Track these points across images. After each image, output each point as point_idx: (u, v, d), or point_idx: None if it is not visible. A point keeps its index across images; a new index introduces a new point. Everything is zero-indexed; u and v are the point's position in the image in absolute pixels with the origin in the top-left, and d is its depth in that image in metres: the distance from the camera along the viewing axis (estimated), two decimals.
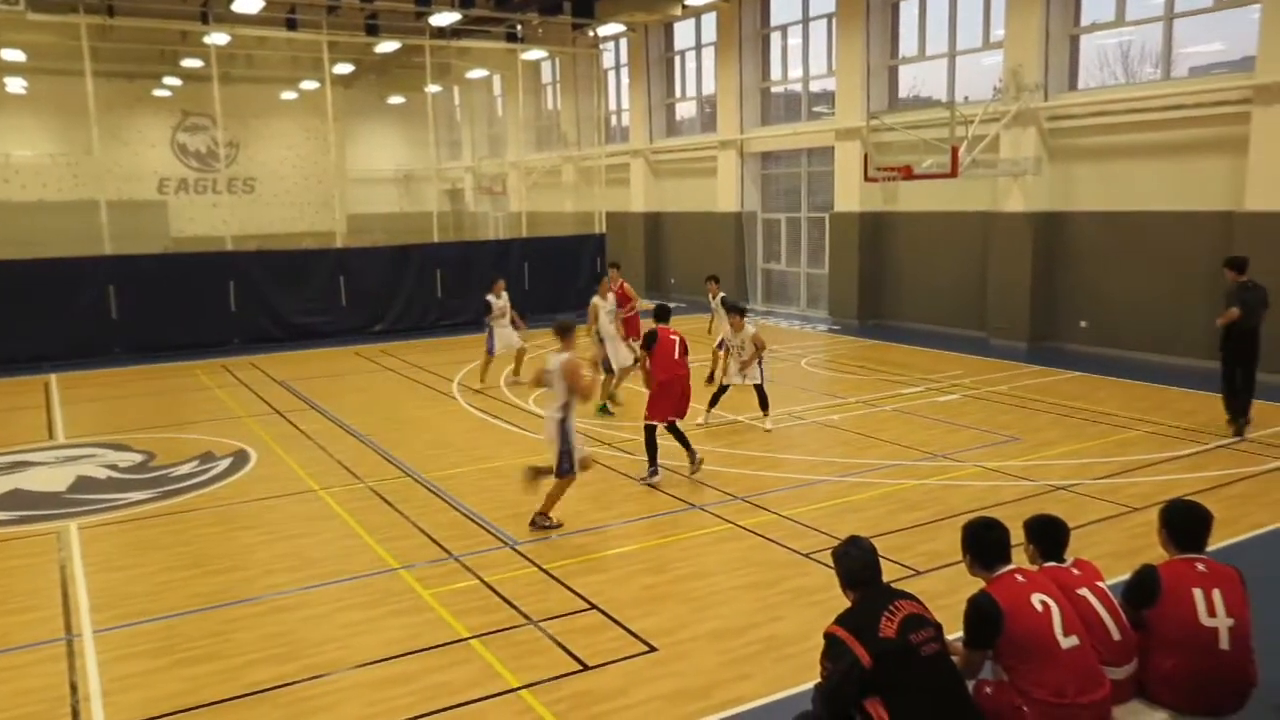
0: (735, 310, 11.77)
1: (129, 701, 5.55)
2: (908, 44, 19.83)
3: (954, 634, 4.51)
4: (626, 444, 11.03)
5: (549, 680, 5.68)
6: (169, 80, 33.47)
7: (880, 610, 4.19)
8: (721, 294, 14.30)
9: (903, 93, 20.28)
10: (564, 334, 8.45)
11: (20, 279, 17.31)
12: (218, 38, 22.60)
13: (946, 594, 6.13)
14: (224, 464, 10.65)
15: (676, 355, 9.84)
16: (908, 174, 16.46)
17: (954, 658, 4.37)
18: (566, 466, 8.11)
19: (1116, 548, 7.46)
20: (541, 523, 8.24)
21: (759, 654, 5.98)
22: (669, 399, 9.75)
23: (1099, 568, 4.77)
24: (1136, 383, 13.83)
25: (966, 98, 18.31)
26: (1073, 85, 16.73)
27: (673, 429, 9.78)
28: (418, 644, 6.18)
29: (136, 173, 32.76)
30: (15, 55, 27.33)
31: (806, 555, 7.54)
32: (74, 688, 5.76)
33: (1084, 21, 16.56)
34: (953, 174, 15.84)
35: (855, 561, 4.45)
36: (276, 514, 8.92)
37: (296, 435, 11.80)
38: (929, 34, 19.23)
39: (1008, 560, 4.52)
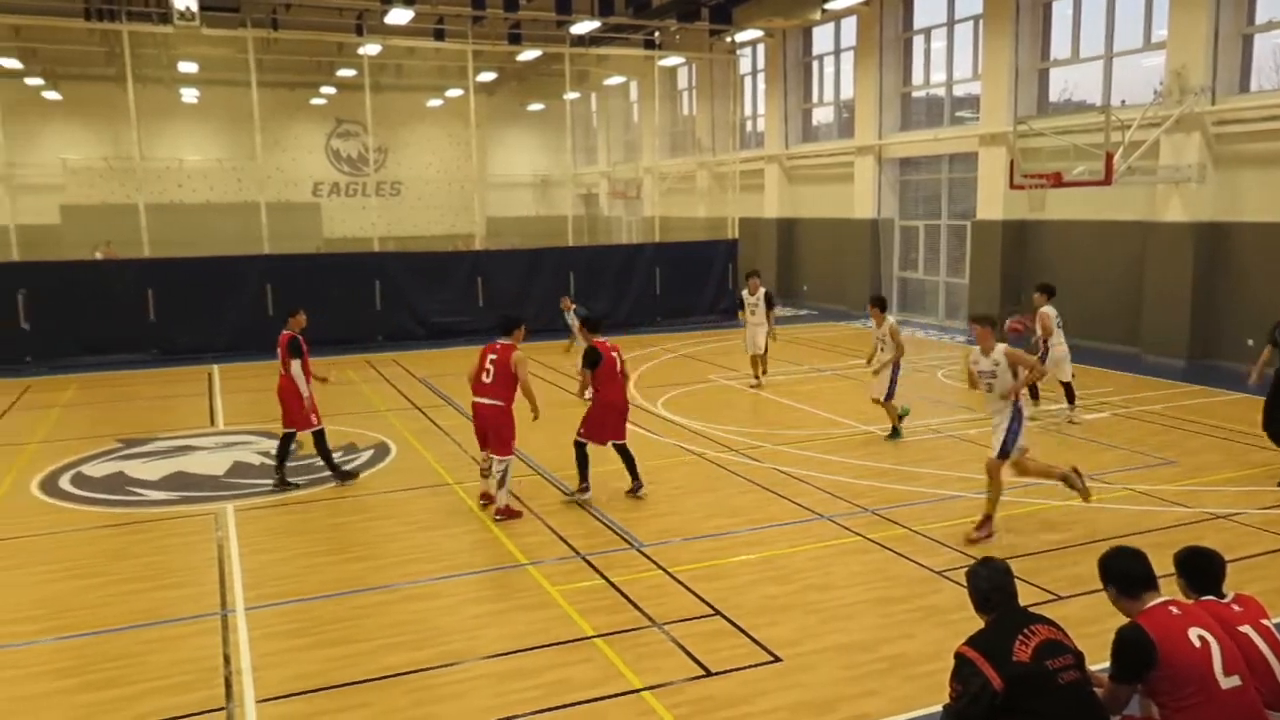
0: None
1: (275, 677, 5.86)
2: (1060, 45, 18.99)
3: (1097, 664, 4.28)
4: (753, 450, 10.95)
5: (671, 684, 5.68)
6: (325, 89, 35.30)
7: (1014, 633, 4.02)
8: (574, 307, 14.27)
9: (1053, 96, 19.43)
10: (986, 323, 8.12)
11: (188, 276, 18.60)
12: (370, 48, 23.68)
13: (1090, 622, 5.83)
14: (365, 455, 11.13)
15: (619, 370, 9.24)
16: (1057, 181, 15.74)
17: (1097, 690, 4.14)
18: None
19: None
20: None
21: (886, 671, 5.83)
22: (613, 420, 9.23)
23: (1263, 605, 4.44)
24: None
25: (1123, 101, 17.41)
26: (1244, 88, 15.64)
27: (623, 450, 9.31)
28: (543, 639, 6.29)
29: (294, 177, 34.66)
30: (190, 67, 29.39)
31: (939, 573, 7.30)
32: (227, 660, 6.11)
33: (1259, 19, 15.47)
34: (1106, 181, 15.05)
35: (987, 582, 4.28)
36: (412, 506, 9.25)
37: (434, 430, 12.21)
38: (1083, 35, 18.37)
39: (1155, 590, 4.25)
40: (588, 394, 9.33)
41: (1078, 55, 18.59)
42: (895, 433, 11.41)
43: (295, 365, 9.62)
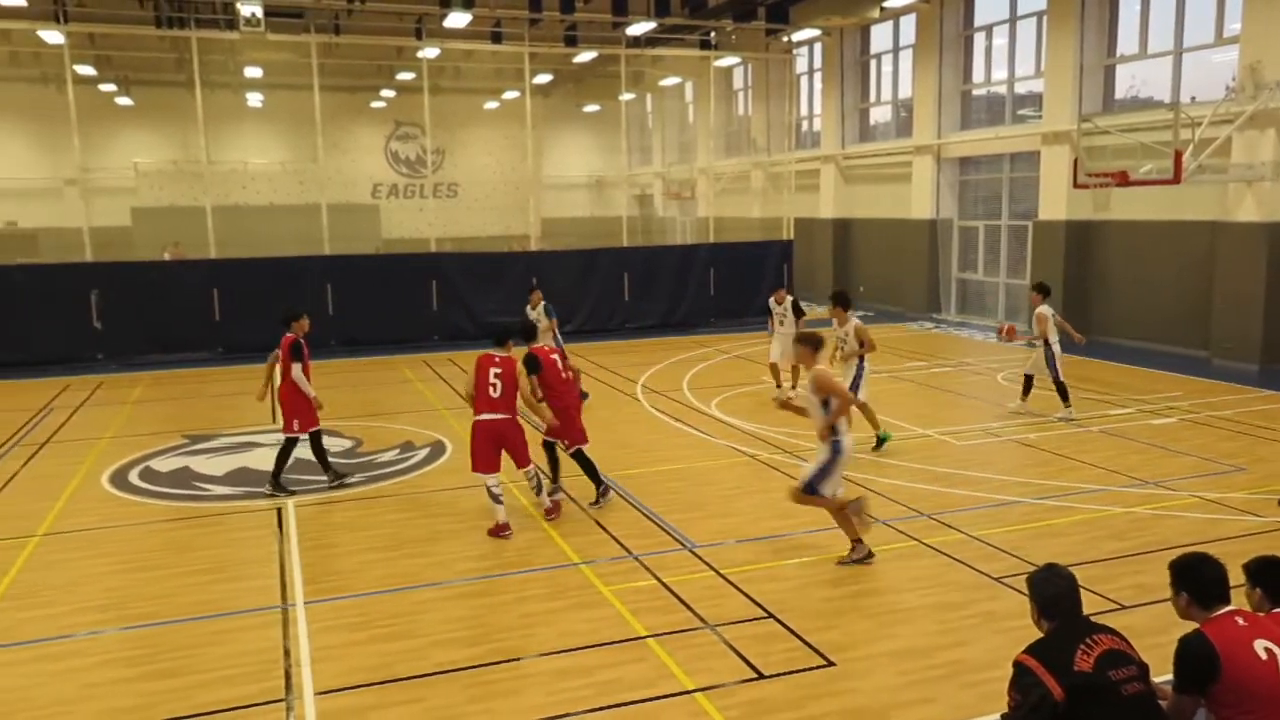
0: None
1: (333, 670, 5.96)
2: (1127, 41, 18.52)
3: (1162, 676, 4.16)
4: (807, 452, 10.84)
5: (723, 686, 5.66)
6: (385, 92, 35.86)
7: (1076, 642, 3.92)
8: (544, 304, 14.13)
9: (1119, 93, 18.97)
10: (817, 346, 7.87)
11: (252, 276, 18.99)
12: (429, 51, 24.00)
13: (1156, 632, 5.66)
14: (422, 453, 11.28)
15: (564, 375, 9.24)
16: (1123, 180, 15.35)
17: (1161, 702, 4.03)
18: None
19: None
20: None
21: (943, 678, 5.74)
22: (576, 422, 9.17)
23: None
24: None
25: (1193, 98, 16.92)
26: None
27: (580, 456, 9.14)
28: (596, 639, 6.31)
29: (353, 179, 35.22)
30: (255, 72, 30.08)
31: (997, 579, 7.17)
32: (287, 652, 6.24)
33: None
34: (1175, 180, 14.64)
35: (1052, 589, 4.17)
36: (467, 504, 9.34)
37: None
38: (1152, 30, 17.90)
39: (1227, 601, 4.12)
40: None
41: (1145, 51, 18.12)
42: (880, 442, 10.86)
43: (296, 369, 9.78)
